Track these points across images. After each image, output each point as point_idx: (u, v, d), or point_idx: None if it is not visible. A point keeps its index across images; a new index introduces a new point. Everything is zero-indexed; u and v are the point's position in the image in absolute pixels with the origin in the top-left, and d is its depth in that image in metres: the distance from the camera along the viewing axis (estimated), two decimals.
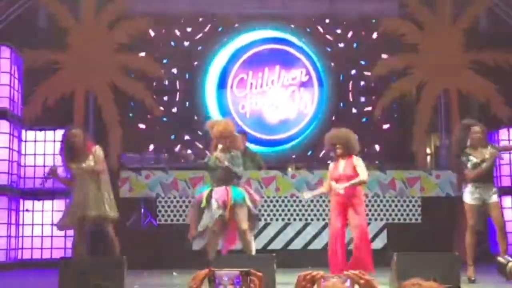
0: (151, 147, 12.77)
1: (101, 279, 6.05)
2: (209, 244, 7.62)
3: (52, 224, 10.26)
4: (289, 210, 10.23)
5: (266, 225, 10.12)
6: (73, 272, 6.33)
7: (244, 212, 7.56)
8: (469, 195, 7.87)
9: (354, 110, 13.36)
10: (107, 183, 7.72)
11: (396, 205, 10.31)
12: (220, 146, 7.70)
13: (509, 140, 10.96)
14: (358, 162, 7.71)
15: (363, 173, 7.62)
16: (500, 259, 6.61)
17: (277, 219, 10.20)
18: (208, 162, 7.78)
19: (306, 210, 10.23)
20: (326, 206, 10.26)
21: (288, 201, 10.25)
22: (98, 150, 7.73)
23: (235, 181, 7.72)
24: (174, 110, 13.18)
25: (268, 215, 10.17)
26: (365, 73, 12.92)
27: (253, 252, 7.63)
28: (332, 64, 13.33)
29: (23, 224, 10.48)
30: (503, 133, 11.05)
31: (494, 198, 7.88)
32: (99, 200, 7.55)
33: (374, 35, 13.10)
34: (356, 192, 7.66)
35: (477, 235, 8.02)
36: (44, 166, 10.49)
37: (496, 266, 7.30)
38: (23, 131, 10.68)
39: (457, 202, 10.36)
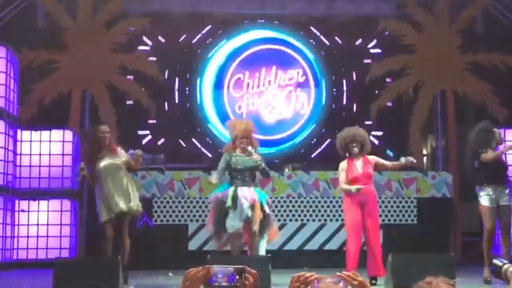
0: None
1: (95, 279, 6.03)
2: (233, 244, 7.51)
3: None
4: (285, 211, 10.22)
5: None
6: (68, 272, 6.32)
7: (260, 214, 7.39)
8: (486, 198, 7.77)
9: (350, 111, 13.34)
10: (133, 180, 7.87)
11: (392, 206, 10.31)
12: (242, 146, 7.50)
13: (504, 140, 10.95)
14: (375, 158, 7.81)
15: (387, 163, 7.81)
16: (496, 261, 6.57)
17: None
18: (232, 161, 7.54)
19: (302, 211, 10.23)
20: (322, 207, 10.28)
21: (284, 201, 10.25)
22: (123, 151, 7.77)
23: (256, 182, 7.66)
24: (171, 110, 13.15)
25: None
26: (363, 74, 12.90)
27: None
28: (329, 64, 13.32)
29: (18, 224, 10.46)
30: None
31: (507, 201, 7.83)
32: (134, 193, 7.62)
33: (372, 36, 13.08)
34: (374, 192, 7.66)
35: (493, 238, 8.00)
36: (39, 166, 10.49)
37: (492, 269, 7.29)
38: (19, 131, 10.66)
39: (453, 203, 10.41)
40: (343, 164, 7.75)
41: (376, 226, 7.66)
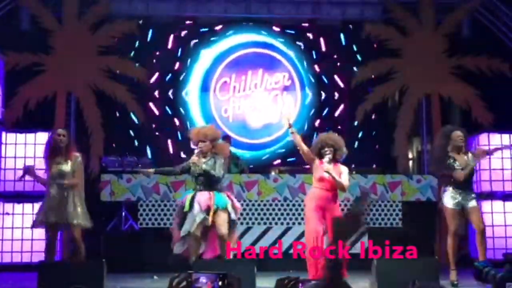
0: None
1: (80, 282, 6.01)
2: (190, 248, 7.60)
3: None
4: (270, 214, 10.22)
5: (247, 229, 10.11)
6: (52, 275, 6.31)
7: (225, 218, 7.58)
8: (449, 200, 7.93)
9: (335, 115, 13.36)
10: (82, 193, 7.76)
11: (377, 210, 10.33)
12: (197, 151, 7.71)
13: (489, 145, 11.03)
14: (345, 170, 7.72)
15: (346, 181, 7.64)
16: (476, 264, 6.66)
17: (258, 223, 10.19)
18: (190, 167, 7.75)
19: (288, 214, 10.24)
20: (306, 209, 10.28)
21: (270, 205, 10.25)
22: (79, 160, 7.75)
23: (218, 187, 7.71)
24: (157, 113, 13.12)
25: (250, 219, 10.17)
26: (348, 77, 12.93)
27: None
28: (315, 68, 13.35)
29: (2, 227, 10.41)
30: (483, 138, 11.11)
31: (474, 203, 7.94)
32: (76, 207, 7.57)
33: (357, 40, 13.11)
34: (334, 198, 7.67)
35: (458, 239, 8.08)
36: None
37: (473, 272, 7.35)
38: (4, 134, 10.61)
39: (438, 206, 10.44)
40: (317, 161, 7.74)
41: None
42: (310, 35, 13.31)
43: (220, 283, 2.50)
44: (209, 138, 7.75)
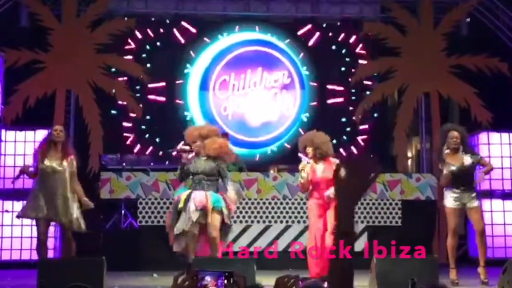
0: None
1: (80, 280, 6.02)
2: (187, 247, 7.56)
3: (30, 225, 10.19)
4: (270, 212, 10.23)
5: (247, 227, 10.12)
6: (52, 273, 6.31)
7: (218, 220, 7.53)
8: (450, 199, 7.95)
9: (334, 113, 13.35)
10: (75, 194, 7.76)
11: (376, 208, 10.34)
12: (195, 150, 7.69)
13: (488, 144, 11.05)
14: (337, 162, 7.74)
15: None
16: None
17: (258, 221, 10.19)
18: (192, 165, 7.72)
19: (287, 213, 10.24)
20: (307, 208, 10.28)
21: (270, 203, 10.25)
22: (74, 161, 7.76)
23: (215, 187, 7.67)
24: (156, 111, 13.11)
25: (249, 217, 10.17)
26: (347, 76, 12.93)
27: None
28: (314, 66, 13.34)
29: (2, 225, 10.41)
30: (483, 137, 11.13)
31: (475, 202, 7.95)
32: (68, 208, 7.58)
33: (356, 38, 13.11)
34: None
35: (458, 238, 8.11)
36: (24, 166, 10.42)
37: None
38: (3, 131, 10.61)
39: (437, 205, 10.47)
40: (307, 165, 7.82)
41: None
42: (309, 34, 13.28)
43: (225, 281, 2.49)
44: (196, 138, 7.73)
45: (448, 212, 8.00)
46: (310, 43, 13.22)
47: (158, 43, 12.99)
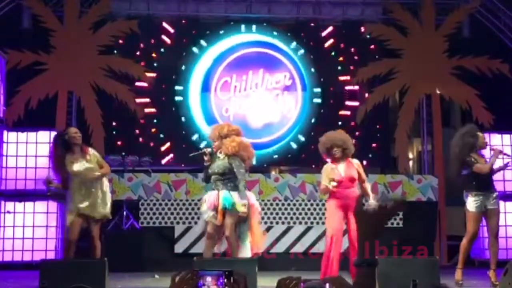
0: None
1: (82, 281, 6.03)
2: (204, 247, 7.58)
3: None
4: (271, 214, 10.24)
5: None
6: (54, 274, 6.32)
7: (231, 220, 7.47)
8: (472, 204, 7.84)
9: (336, 115, 13.35)
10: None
11: None
12: (209, 150, 7.72)
13: (489, 145, 11.03)
14: (357, 162, 7.72)
15: (365, 175, 7.69)
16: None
17: (259, 223, 10.18)
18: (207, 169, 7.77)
19: (288, 214, 10.25)
20: (308, 210, 10.30)
21: (271, 204, 10.27)
22: (95, 152, 7.79)
23: (229, 186, 7.60)
24: (157, 112, 13.11)
25: None
26: (349, 77, 12.93)
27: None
28: (316, 68, 13.33)
29: (4, 226, 10.42)
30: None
31: (494, 204, 7.91)
32: (105, 200, 7.63)
33: (358, 40, 13.11)
34: (357, 197, 7.58)
35: (473, 243, 8.09)
36: (26, 167, 10.46)
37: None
38: (5, 132, 10.63)
39: (439, 206, 10.48)
40: (326, 167, 7.66)
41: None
42: (310, 35, 13.29)
43: (225, 280, 2.50)
44: (215, 138, 7.77)
45: (470, 216, 7.88)
46: (312, 44, 13.22)
47: (159, 44, 12.99)
